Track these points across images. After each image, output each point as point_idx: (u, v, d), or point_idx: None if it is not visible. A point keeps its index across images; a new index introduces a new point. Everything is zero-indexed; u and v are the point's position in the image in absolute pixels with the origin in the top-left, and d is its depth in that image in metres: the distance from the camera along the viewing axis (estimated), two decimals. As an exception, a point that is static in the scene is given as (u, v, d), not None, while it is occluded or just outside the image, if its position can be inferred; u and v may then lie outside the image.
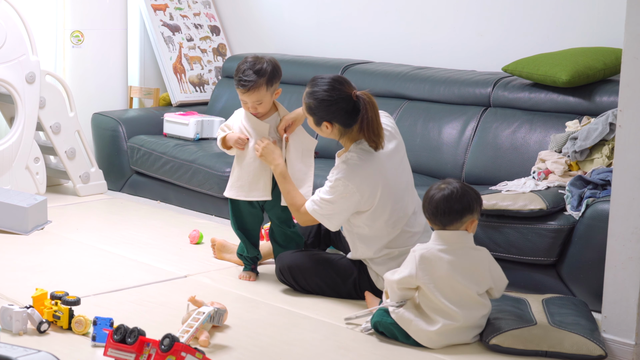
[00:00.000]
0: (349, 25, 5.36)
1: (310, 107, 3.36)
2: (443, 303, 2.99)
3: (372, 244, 3.39)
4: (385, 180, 3.35)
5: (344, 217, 3.37)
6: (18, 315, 3.00)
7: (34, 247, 4.12)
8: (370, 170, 3.33)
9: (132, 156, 5.21)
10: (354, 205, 3.33)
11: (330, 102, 3.32)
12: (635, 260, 2.92)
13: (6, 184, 4.79)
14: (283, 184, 3.51)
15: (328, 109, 3.33)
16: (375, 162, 3.35)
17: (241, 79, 3.52)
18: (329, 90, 3.32)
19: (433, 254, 3.00)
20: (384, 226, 3.36)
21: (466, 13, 4.83)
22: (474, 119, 4.36)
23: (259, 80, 3.51)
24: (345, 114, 3.33)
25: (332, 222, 3.38)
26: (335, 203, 3.33)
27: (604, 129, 3.70)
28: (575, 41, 4.36)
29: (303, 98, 3.40)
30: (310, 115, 3.39)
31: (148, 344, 2.68)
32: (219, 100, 5.55)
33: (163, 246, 4.20)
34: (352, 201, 3.32)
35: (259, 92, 3.53)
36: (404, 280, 3.02)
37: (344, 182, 3.31)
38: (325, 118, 3.35)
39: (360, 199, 3.32)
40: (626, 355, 2.98)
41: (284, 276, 3.56)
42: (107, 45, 5.59)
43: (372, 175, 3.33)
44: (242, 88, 3.52)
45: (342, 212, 3.35)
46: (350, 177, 3.31)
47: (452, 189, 3.03)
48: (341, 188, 3.31)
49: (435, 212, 3.03)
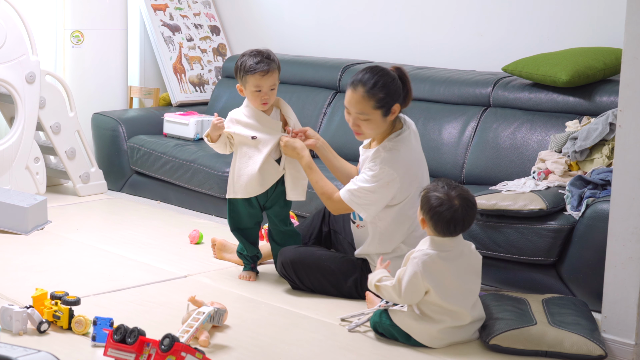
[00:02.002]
0: (349, 25, 5.36)
1: (380, 99, 3.32)
2: (452, 306, 2.99)
3: (388, 240, 3.40)
4: (422, 172, 3.42)
5: (381, 206, 3.37)
6: (18, 315, 3.00)
7: (34, 247, 4.11)
8: (412, 158, 3.38)
9: (132, 156, 5.21)
10: (392, 194, 3.35)
11: (393, 81, 3.33)
12: (635, 260, 2.92)
13: (6, 184, 4.79)
14: (311, 174, 3.52)
15: (395, 89, 3.33)
16: (414, 152, 3.40)
17: (259, 62, 3.53)
18: (383, 74, 3.34)
19: (434, 260, 2.98)
20: (406, 222, 3.38)
21: (466, 13, 4.83)
22: (474, 119, 4.36)
23: (273, 63, 3.56)
24: (400, 90, 3.36)
25: (369, 211, 3.38)
26: (376, 192, 3.33)
27: (604, 129, 3.70)
28: (575, 41, 4.36)
29: (362, 96, 3.32)
30: (379, 107, 3.33)
31: (148, 344, 2.68)
32: (219, 100, 5.55)
33: (163, 246, 4.20)
34: (393, 190, 3.34)
35: (274, 75, 3.57)
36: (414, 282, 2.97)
37: (389, 170, 3.32)
38: (395, 100, 3.34)
39: (400, 187, 3.34)
40: (626, 355, 2.98)
41: (285, 270, 3.55)
42: (107, 45, 5.59)
43: (413, 165, 3.38)
44: (262, 71, 3.52)
45: (380, 200, 3.35)
46: (395, 166, 3.32)
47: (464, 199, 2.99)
48: (385, 176, 3.32)
49: (455, 227, 2.98)
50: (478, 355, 2.98)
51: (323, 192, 3.48)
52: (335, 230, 3.78)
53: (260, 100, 3.58)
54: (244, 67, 3.55)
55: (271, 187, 3.65)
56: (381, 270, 3.10)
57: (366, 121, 3.36)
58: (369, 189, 3.34)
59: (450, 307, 2.99)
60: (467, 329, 3.05)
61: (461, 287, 3.01)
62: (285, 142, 3.55)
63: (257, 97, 3.57)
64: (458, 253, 3.03)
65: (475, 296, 3.06)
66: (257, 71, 3.53)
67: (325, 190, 3.47)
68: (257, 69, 3.53)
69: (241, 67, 3.57)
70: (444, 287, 2.98)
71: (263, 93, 3.56)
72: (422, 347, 3.02)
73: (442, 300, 2.98)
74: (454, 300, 2.99)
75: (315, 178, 3.51)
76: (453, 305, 2.99)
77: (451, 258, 3.00)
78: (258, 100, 3.58)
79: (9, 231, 4.30)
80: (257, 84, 3.55)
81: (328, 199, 3.46)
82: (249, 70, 3.54)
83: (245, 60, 3.57)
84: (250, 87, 3.56)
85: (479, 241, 3.59)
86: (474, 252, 3.09)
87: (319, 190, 3.49)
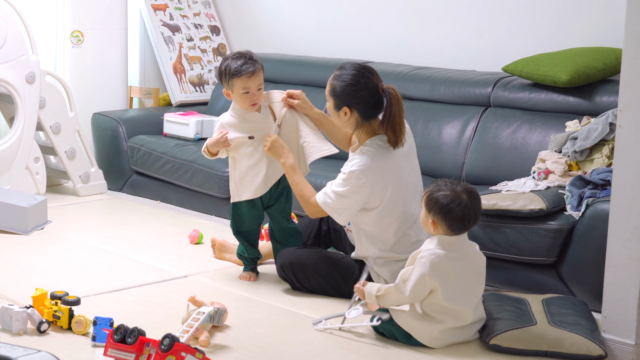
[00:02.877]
0: (349, 25, 5.36)
1: (334, 90, 3.36)
2: (456, 306, 2.99)
3: (377, 242, 3.39)
4: (398, 178, 3.36)
5: (354, 211, 3.36)
6: (18, 315, 3.00)
7: (34, 247, 4.11)
8: (384, 165, 3.33)
9: (132, 156, 5.21)
10: (364, 199, 3.33)
11: (356, 88, 3.32)
12: (635, 260, 2.92)
13: (6, 184, 4.79)
14: (292, 176, 3.50)
15: (351, 94, 3.33)
16: (390, 159, 3.35)
17: (243, 64, 3.53)
18: (356, 76, 3.33)
19: (442, 260, 2.98)
20: (390, 226, 3.36)
21: (466, 13, 4.83)
22: (474, 119, 4.36)
23: (257, 63, 3.57)
24: (367, 104, 3.34)
25: (342, 215, 3.37)
26: (347, 197, 3.33)
27: (604, 129, 3.70)
28: (575, 41, 4.36)
29: (328, 81, 3.40)
30: (332, 98, 3.38)
31: (148, 344, 2.68)
32: (219, 100, 5.55)
33: (163, 246, 4.20)
34: (363, 195, 3.32)
35: (260, 75, 3.57)
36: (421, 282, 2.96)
37: (357, 175, 3.31)
38: (346, 103, 3.34)
39: (371, 193, 3.31)
40: (626, 355, 2.98)
41: (284, 272, 3.55)
42: (107, 45, 5.59)
43: (386, 171, 3.33)
44: (248, 72, 3.52)
45: (352, 205, 3.34)
46: (364, 171, 3.30)
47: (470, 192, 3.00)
48: (354, 181, 3.31)
49: (469, 221, 3.00)
50: (478, 355, 2.98)
51: (302, 195, 3.46)
52: (335, 228, 3.78)
53: (249, 101, 3.58)
54: (229, 71, 3.55)
55: (274, 185, 3.65)
56: (371, 284, 3.08)
57: (327, 102, 3.43)
58: (340, 194, 3.33)
59: (454, 307, 2.99)
60: (468, 330, 3.05)
61: (466, 287, 3.01)
62: (268, 146, 3.54)
63: (246, 98, 3.57)
64: (464, 253, 3.03)
65: (479, 297, 3.06)
66: (243, 73, 3.53)
67: (304, 193, 3.45)
68: (242, 71, 3.53)
69: (226, 71, 3.56)
70: (450, 287, 2.97)
71: (251, 94, 3.56)
72: (422, 347, 3.02)
73: (446, 301, 2.97)
74: (459, 300, 2.99)
75: (297, 180, 3.49)
76: (457, 305, 2.99)
77: (458, 257, 3.00)
78: (247, 102, 3.58)
79: (9, 231, 4.30)
80: (244, 85, 3.55)
81: (306, 202, 3.45)
82: (235, 73, 3.53)
83: (230, 64, 3.56)
84: (238, 90, 3.56)
85: (479, 241, 3.59)
86: (478, 253, 3.09)
87: (298, 192, 3.48)
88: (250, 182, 3.61)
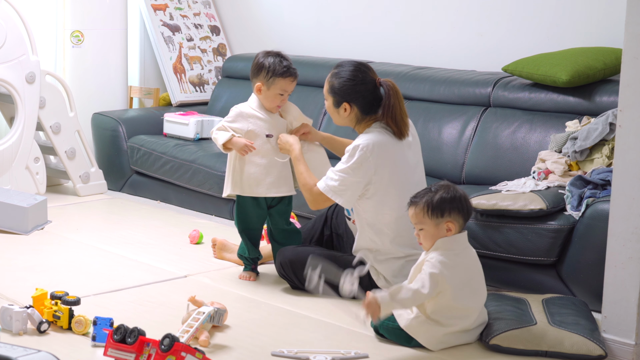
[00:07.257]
0: (349, 25, 5.36)
1: (333, 87, 3.42)
2: (464, 306, 2.98)
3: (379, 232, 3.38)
4: (401, 160, 3.39)
5: (356, 192, 3.36)
6: (18, 315, 3.00)
7: (34, 247, 4.12)
8: (388, 144, 3.37)
9: (132, 156, 5.21)
10: (367, 177, 3.33)
11: (354, 83, 3.39)
12: (635, 260, 2.92)
13: (6, 184, 4.79)
14: (298, 165, 3.54)
15: (350, 89, 3.39)
16: (394, 142, 3.39)
17: (289, 67, 3.59)
18: (354, 72, 3.40)
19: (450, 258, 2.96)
20: (389, 215, 3.36)
21: (466, 13, 4.83)
22: (474, 119, 4.36)
23: (296, 70, 3.64)
24: (365, 98, 3.40)
25: (344, 197, 3.37)
26: (350, 174, 3.33)
27: (604, 129, 3.70)
28: (575, 41, 4.36)
29: (326, 79, 3.45)
30: (332, 96, 3.44)
31: (148, 344, 2.68)
32: (219, 100, 5.55)
33: (163, 246, 4.20)
34: (368, 171, 3.32)
35: (296, 82, 3.64)
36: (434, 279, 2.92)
37: (362, 147, 3.32)
38: (345, 98, 3.40)
39: (374, 170, 3.32)
40: (626, 355, 2.98)
41: (284, 270, 3.55)
42: (107, 45, 5.59)
43: (389, 149, 3.36)
44: (292, 76, 3.59)
45: (354, 185, 3.34)
46: (368, 144, 3.32)
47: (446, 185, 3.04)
48: (358, 153, 3.32)
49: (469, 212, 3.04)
50: (478, 355, 2.98)
51: (305, 183, 3.49)
52: (337, 233, 3.77)
53: (279, 102, 3.62)
54: (274, 70, 3.57)
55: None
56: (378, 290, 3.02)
57: (326, 101, 3.48)
58: (343, 170, 3.35)
59: (462, 307, 2.97)
60: (472, 333, 3.04)
61: (472, 285, 3.00)
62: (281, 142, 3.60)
63: (278, 99, 3.62)
64: (465, 246, 3.04)
65: (484, 297, 3.05)
66: (288, 76, 3.58)
67: (307, 182, 3.48)
68: (288, 74, 3.58)
69: (270, 69, 3.58)
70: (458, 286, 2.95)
71: (284, 97, 3.61)
72: (422, 347, 3.02)
73: (454, 301, 2.96)
74: (466, 299, 2.98)
75: (301, 169, 3.52)
76: (465, 305, 2.97)
77: (462, 256, 3.00)
78: (277, 103, 3.62)
79: (9, 231, 4.31)
80: (284, 87, 3.59)
81: (308, 191, 3.47)
82: (282, 73, 3.57)
83: (274, 62, 3.58)
84: (276, 90, 3.59)
85: (479, 241, 3.59)
86: (470, 247, 3.09)
87: (302, 181, 3.50)
88: (262, 179, 3.61)
